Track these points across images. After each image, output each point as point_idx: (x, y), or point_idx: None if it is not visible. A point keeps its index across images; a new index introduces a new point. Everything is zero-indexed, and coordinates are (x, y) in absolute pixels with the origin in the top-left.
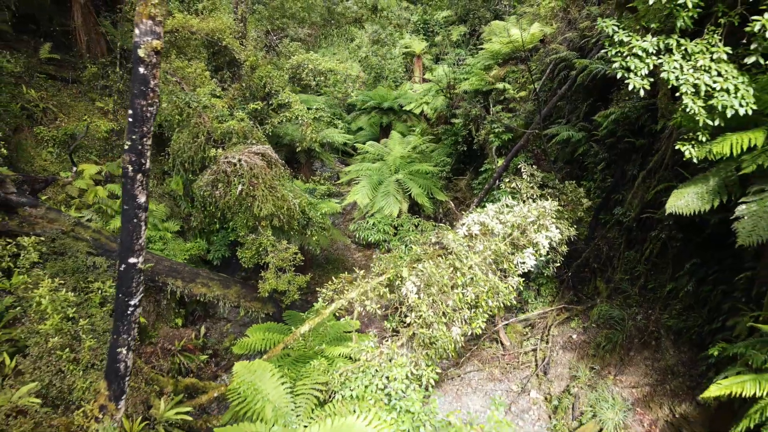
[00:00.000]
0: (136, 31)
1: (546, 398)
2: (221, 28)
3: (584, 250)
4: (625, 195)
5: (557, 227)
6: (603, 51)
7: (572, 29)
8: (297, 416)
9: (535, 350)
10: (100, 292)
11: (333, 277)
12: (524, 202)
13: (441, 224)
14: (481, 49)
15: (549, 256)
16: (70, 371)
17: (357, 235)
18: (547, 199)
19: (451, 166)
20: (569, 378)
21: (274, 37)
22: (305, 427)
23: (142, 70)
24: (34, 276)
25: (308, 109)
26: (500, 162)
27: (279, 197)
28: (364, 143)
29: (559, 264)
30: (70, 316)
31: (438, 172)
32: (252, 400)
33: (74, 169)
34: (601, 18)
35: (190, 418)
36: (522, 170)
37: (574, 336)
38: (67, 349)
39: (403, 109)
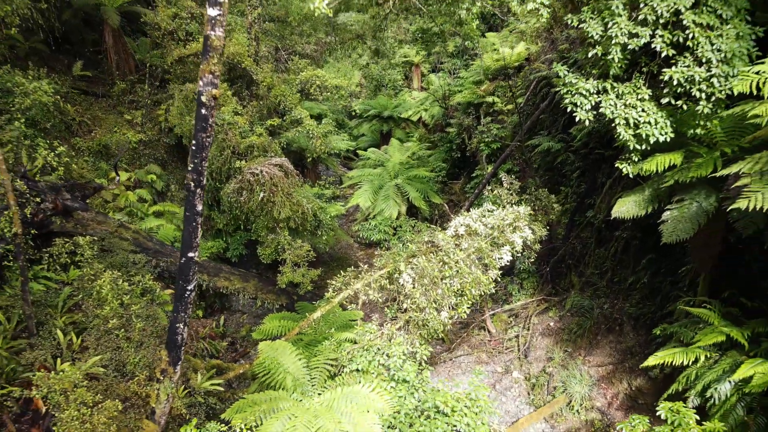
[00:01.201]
0: (200, 82)
1: (526, 377)
2: (241, 52)
3: (561, 248)
4: (596, 200)
5: (531, 228)
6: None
7: (554, 50)
8: (312, 386)
9: (517, 336)
10: (140, 284)
11: (341, 272)
12: (504, 207)
13: (434, 226)
14: (474, 60)
15: (525, 253)
16: (124, 348)
17: (360, 235)
18: (522, 205)
19: (447, 171)
20: (546, 360)
21: (284, 53)
22: (319, 394)
23: (203, 111)
24: (93, 269)
25: (314, 119)
26: (489, 168)
27: (295, 202)
28: (365, 149)
29: (532, 259)
30: (125, 302)
31: (434, 177)
32: (275, 372)
33: (117, 178)
34: (556, 63)
35: (222, 389)
36: (503, 180)
37: (552, 323)
38: (123, 330)
39: (402, 117)
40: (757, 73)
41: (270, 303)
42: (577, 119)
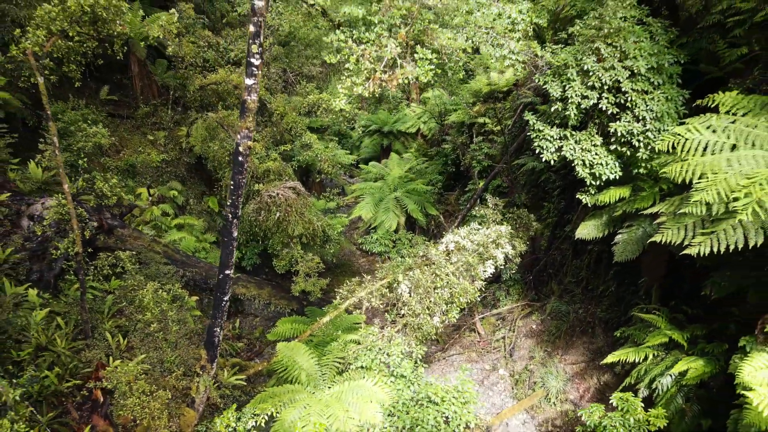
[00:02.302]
0: (238, 136)
1: (510, 374)
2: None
3: (543, 258)
4: (573, 216)
5: (512, 244)
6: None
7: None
8: (323, 380)
9: (504, 338)
10: (170, 291)
11: (347, 281)
12: (488, 226)
13: (429, 242)
14: (469, 82)
15: (507, 265)
16: (163, 347)
17: (363, 247)
18: (504, 225)
19: (443, 183)
20: (528, 358)
21: (291, 75)
22: (329, 387)
23: (240, 158)
24: (136, 280)
25: (318, 132)
26: (481, 183)
27: (307, 221)
28: (367, 161)
29: (514, 270)
30: (163, 309)
31: (431, 189)
32: (291, 369)
33: (150, 198)
34: (527, 111)
35: (244, 383)
36: (488, 201)
37: (534, 326)
38: (161, 332)
39: (401, 130)
40: (675, 134)
41: (282, 308)
42: (543, 159)
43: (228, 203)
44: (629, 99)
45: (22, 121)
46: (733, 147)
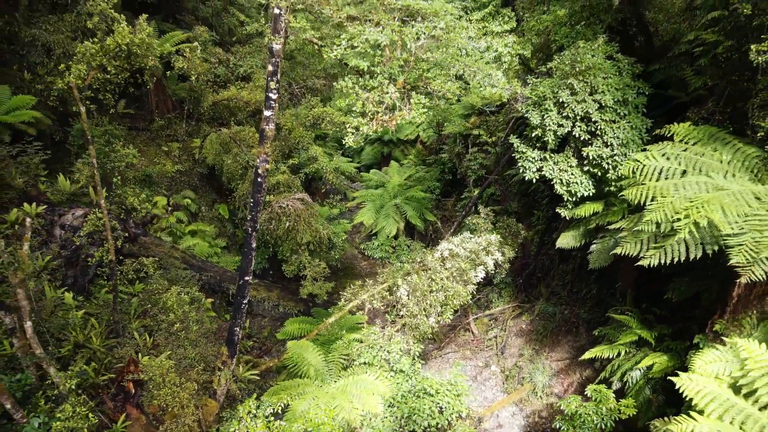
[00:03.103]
0: (258, 160)
1: (502, 370)
2: (263, 99)
3: (532, 263)
4: (560, 224)
5: (501, 251)
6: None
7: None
8: (330, 375)
9: (496, 337)
10: (189, 294)
11: (350, 284)
12: (480, 234)
13: (426, 248)
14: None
15: (497, 270)
16: (185, 346)
17: (366, 252)
18: (493, 234)
19: (440, 190)
20: (518, 356)
21: (296, 88)
22: (335, 381)
23: (259, 179)
24: (160, 284)
25: (320, 140)
26: (476, 192)
27: (314, 230)
28: (368, 168)
29: (503, 275)
30: (185, 310)
31: (429, 196)
32: (301, 364)
33: (169, 208)
34: (512, 135)
35: (258, 378)
36: (480, 211)
37: (524, 326)
38: (183, 331)
39: (401, 138)
40: (635, 160)
41: (290, 309)
42: (526, 178)
43: (248, 218)
44: (599, 127)
45: (50, 136)
46: (684, 173)
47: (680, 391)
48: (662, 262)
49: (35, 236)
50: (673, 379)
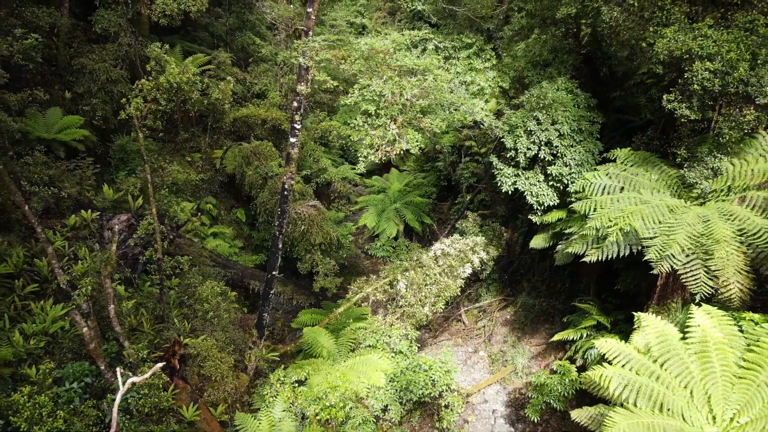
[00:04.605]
0: (284, 177)
1: (489, 355)
2: (279, 117)
3: (516, 261)
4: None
5: (486, 251)
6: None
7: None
8: (340, 356)
9: (484, 326)
10: (217, 287)
11: (355, 280)
12: (468, 236)
13: (422, 248)
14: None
15: (484, 267)
16: (217, 331)
17: (369, 251)
18: (479, 236)
19: (437, 194)
20: (503, 342)
21: (305, 102)
22: (344, 361)
23: (285, 192)
24: (196, 279)
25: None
26: (468, 197)
27: (325, 232)
28: (369, 175)
29: (489, 272)
30: (218, 301)
31: (426, 201)
32: (315, 346)
33: (199, 213)
34: (492, 154)
35: (278, 359)
36: (469, 216)
37: (508, 316)
38: (216, 319)
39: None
40: (585, 179)
41: (302, 302)
42: (503, 190)
43: (275, 224)
44: (559, 151)
45: (94, 151)
46: (622, 189)
47: (600, 350)
48: (602, 258)
49: (91, 237)
50: (595, 342)
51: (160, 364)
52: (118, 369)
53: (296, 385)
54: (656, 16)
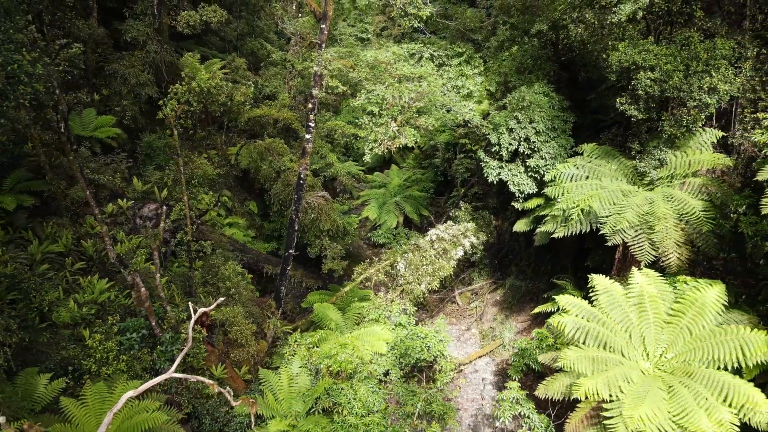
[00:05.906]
0: (300, 168)
1: (480, 332)
2: (290, 116)
3: (505, 247)
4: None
5: (476, 236)
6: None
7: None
8: (346, 328)
9: (476, 307)
10: (237, 267)
11: (359, 263)
12: (460, 223)
13: (420, 235)
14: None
15: (474, 251)
16: (237, 305)
17: (371, 240)
18: (470, 222)
19: (434, 189)
20: (493, 320)
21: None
22: (351, 332)
23: (301, 182)
24: (218, 260)
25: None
26: (462, 191)
27: (333, 220)
28: (371, 171)
29: (479, 255)
30: (238, 280)
31: (424, 195)
32: (325, 320)
33: (219, 203)
34: (480, 150)
35: (291, 332)
36: (461, 206)
37: (498, 297)
38: (237, 295)
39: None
40: (557, 169)
41: (311, 285)
42: (489, 180)
43: (292, 209)
44: (536, 146)
45: (123, 147)
46: (587, 177)
47: (558, 303)
48: (568, 234)
49: (126, 223)
50: (554, 296)
51: (221, 299)
52: (190, 303)
53: (311, 346)
54: (614, 32)
